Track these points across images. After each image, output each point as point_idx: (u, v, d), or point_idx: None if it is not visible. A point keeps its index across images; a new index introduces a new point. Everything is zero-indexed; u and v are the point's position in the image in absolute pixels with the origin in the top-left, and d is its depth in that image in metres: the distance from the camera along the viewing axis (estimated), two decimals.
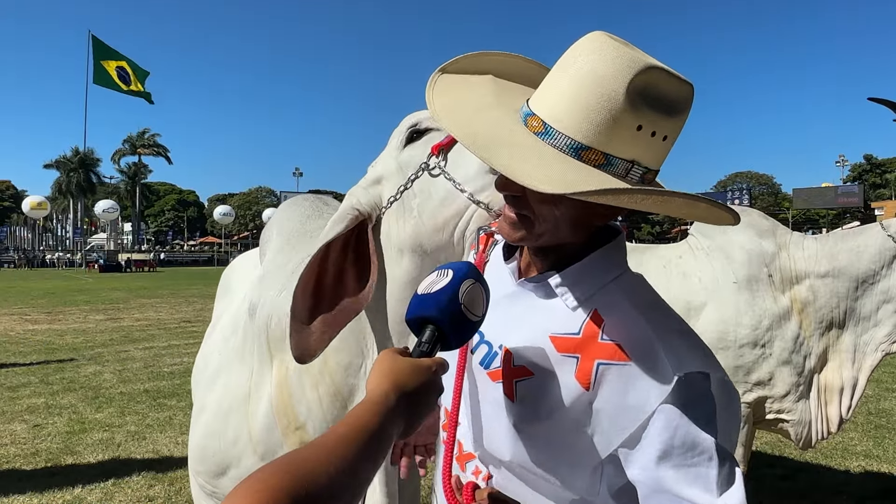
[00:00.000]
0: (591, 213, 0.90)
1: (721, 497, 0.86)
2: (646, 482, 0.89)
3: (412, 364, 0.84)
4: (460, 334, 0.89)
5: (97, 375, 7.49)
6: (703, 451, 0.87)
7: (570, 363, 0.91)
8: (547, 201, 0.87)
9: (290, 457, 0.67)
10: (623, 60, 0.80)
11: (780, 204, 71.52)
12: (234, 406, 1.57)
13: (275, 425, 1.50)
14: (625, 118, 0.81)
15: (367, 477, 0.72)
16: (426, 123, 1.38)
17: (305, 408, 1.45)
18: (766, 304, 2.79)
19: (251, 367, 1.58)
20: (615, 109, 0.81)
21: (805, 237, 2.98)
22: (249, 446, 1.53)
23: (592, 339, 0.91)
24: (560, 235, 0.92)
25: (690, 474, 0.87)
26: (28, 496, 3.97)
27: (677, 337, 0.91)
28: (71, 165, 59.77)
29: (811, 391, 2.81)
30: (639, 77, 0.80)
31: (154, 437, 5.16)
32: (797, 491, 4.06)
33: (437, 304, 0.87)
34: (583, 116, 0.81)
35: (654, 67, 0.81)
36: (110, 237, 58.97)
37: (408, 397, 0.81)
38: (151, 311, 14.71)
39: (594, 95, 0.81)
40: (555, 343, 0.93)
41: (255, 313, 1.60)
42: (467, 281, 0.89)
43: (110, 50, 42.14)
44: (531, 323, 0.96)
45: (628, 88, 0.80)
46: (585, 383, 0.90)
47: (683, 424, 0.87)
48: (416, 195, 1.33)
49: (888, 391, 6.65)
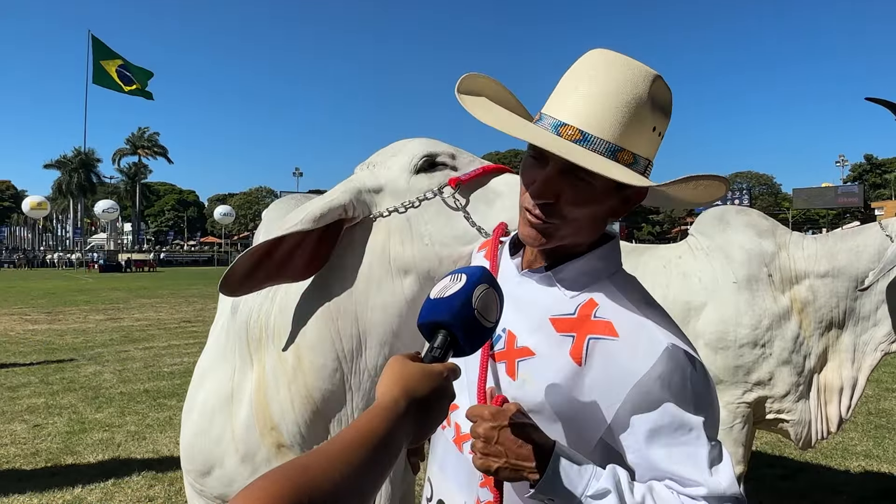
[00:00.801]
0: (610, 212, 1.00)
1: (712, 475, 0.90)
2: (639, 463, 0.94)
3: (423, 369, 0.82)
4: (473, 340, 0.87)
5: (97, 375, 7.49)
6: (692, 430, 0.91)
7: (567, 342, 0.98)
8: (587, 203, 0.96)
9: (294, 463, 0.65)
10: (640, 71, 0.94)
11: (780, 204, 71.55)
12: (218, 406, 1.58)
13: (254, 425, 1.50)
14: (647, 121, 0.95)
15: (374, 484, 0.70)
16: (443, 159, 1.40)
17: (279, 408, 1.45)
18: (765, 303, 2.80)
19: (233, 365, 1.58)
20: (642, 114, 0.93)
21: (805, 237, 2.99)
22: (232, 446, 1.54)
23: (586, 319, 0.98)
24: (580, 236, 1.01)
25: (681, 453, 0.91)
26: (28, 496, 3.97)
27: (666, 322, 0.98)
28: (71, 165, 59.78)
29: (811, 391, 2.82)
30: (654, 84, 0.94)
31: (154, 437, 5.16)
32: (797, 491, 4.06)
33: (450, 309, 0.85)
34: (616, 121, 0.92)
35: (660, 76, 0.95)
36: (110, 237, 58.95)
37: (418, 403, 0.79)
38: (151, 311, 14.71)
39: (623, 103, 0.92)
40: (554, 324, 0.99)
41: (237, 311, 1.61)
42: (481, 286, 0.87)
43: (110, 51, 42.15)
44: (533, 307, 1.02)
45: (650, 95, 0.93)
46: (578, 359, 0.96)
47: (671, 404, 0.91)
48: (427, 222, 1.35)
49: (888, 391, 6.66)
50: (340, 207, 1.37)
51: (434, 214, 1.35)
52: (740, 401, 2.83)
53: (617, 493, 0.89)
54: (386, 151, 1.48)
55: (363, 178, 1.43)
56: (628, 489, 0.90)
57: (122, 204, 63.18)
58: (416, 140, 1.45)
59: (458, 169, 1.41)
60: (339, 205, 1.37)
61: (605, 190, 0.96)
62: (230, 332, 1.64)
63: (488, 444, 0.92)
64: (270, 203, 2.25)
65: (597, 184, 0.94)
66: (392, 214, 1.38)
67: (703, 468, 0.90)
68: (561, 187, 0.95)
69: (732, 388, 2.83)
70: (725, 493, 0.90)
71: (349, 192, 1.39)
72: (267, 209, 2.01)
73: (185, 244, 75.58)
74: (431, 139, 1.47)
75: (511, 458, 0.91)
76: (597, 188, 0.95)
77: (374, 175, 1.43)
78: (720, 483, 0.90)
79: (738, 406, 2.84)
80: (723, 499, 0.90)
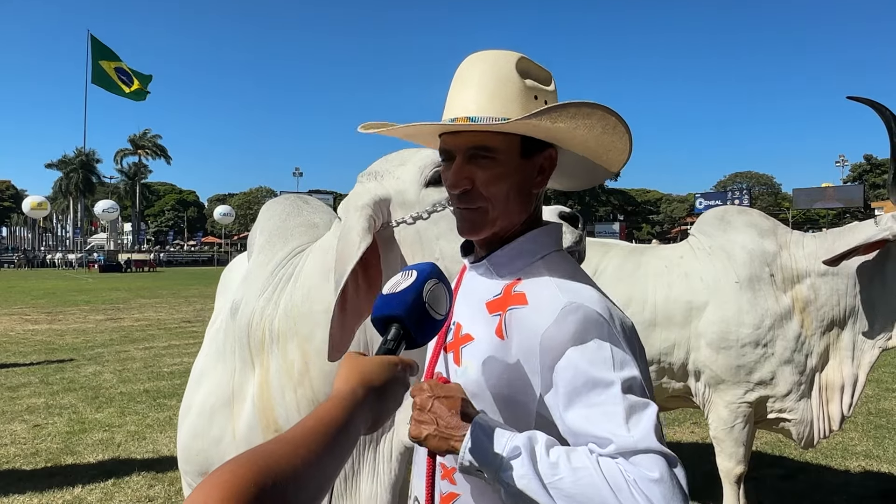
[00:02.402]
0: (529, 182, 1.06)
1: (629, 431, 0.87)
2: (565, 431, 0.93)
3: (378, 360, 0.87)
4: (424, 332, 0.93)
5: (97, 375, 7.49)
6: (609, 388, 0.90)
7: (495, 321, 1.03)
8: (500, 178, 1.03)
9: (258, 449, 0.69)
10: (503, 56, 1.05)
11: (780, 204, 71.52)
12: (217, 406, 1.58)
13: (257, 424, 1.50)
14: (524, 93, 1.04)
15: (333, 469, 0.74)
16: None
17: (283, 410, 1.46)
18: (767, 303, 2.79)
19: (233, 366, 1.58)
20: (515, 88, 1.03)
21: (805, 236, 2.99)
22: (233, 446, 1.54)
23: (508, 295, 1.04)
24: (511, 213, 1.06)
25: (598, 413, 0.89)
26: (28, 496, 3.97)
27: (579, 287, 1.01)
28: (72, 165, 59.76)
29: (812, 390, 2.82)
30: (519, 63, 1.04)
31: (154, 437, 5.16)
32: (797, 491, 4.06)
33: (403, 303, 0.91)
34: (493, 100, 1.02)
35: (524, 56, 1.06)
36: (110, 237, 58.93)
37: (375, 392, 0.84)
38: (151, 311, 14.71)
39: (494, 84, 1.03)
40: (488, 307, 1.05)
41: (238, 313, 1.60)
42: (431, 280, 0.94)
43: (110, 51, 42.16)
44: (474, 296, 1.09)
45: (518, 71, 1.04)
46: (500, 334, 1.01)
47: (582, 364, 0.91)
48: (438, 237, 1.35)
49: (888, 391, 6.66)
50: (364, 230, 1.32)
51: (446, 230, 1.34)
52: (742, 400, 2.83)
53: (529, 453, 0.88)
54: (391, 160, 1.46)
55: (372, 191, 1.41)
56: (543, 450, 0.88)
57: (122, 204, 63.14)
58: (426, 150, 1.44)
59: None
60: (363, 228, 1.32)
61: (510, 161, 1.04)
62: (229, 333, 1.63)
63: (422, 413, 0.95)
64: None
65: (501, 157, 1.03)
66: (401, 225, 1.37)
67: (618, 423, 0.87)
68: (471, 171, 1.03)
69: (734, 387, 2.83)
70: (637, 445, 0.85)
71: (363, 213, 1.35)
72: (262, 208, 2.01)
73: (185, 244, 75.57)
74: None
75: (441, 426, 0.93)
76: (502, 161, 1.03)
77: (382, 186, 1.42)
78: (632, 436, 0.86)
79: (740, 406, 2.84)
80: (635, 451, 0.86)
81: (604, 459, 0.86)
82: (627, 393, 0.89)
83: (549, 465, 0.87)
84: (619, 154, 1.08)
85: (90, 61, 42.25)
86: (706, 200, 59.40)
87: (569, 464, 0.86)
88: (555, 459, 0.87)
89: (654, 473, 0.84)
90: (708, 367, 2.87)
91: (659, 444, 0.87)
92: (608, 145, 1.06)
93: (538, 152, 1.06)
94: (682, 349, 2.93)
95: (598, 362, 0.91)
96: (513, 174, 1.04)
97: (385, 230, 1.39)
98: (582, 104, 0.98)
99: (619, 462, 0.85)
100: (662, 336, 2.92)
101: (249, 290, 1.61)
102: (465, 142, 1.04)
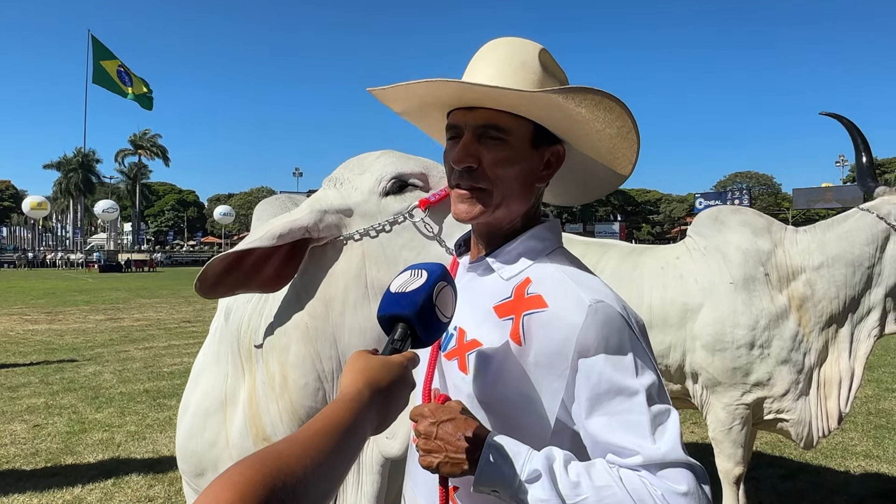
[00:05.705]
0: (533, 175, 1.02)
1: (655, 441, 0.85)
2: (586, 438, 0.92)
3: (384, 361, 0.87)
4: (430, 334, 0.92)
5: (97, 375, 7.49)
6: (633, 396, 0.88)
7: (508, 325, 0.98)
8: (507, 162, 0.99)
9: (268, 451, 0.69)
10: (528, 44, 1.04)
11: (780, 204, 71.45)
12: (211, 409, 1.59)
13: (248, 432, 1.51)
14: (541, 82, 1.01)
15: (341, 470, 0.75)
16: (413, 180, 1.39)
17: (269, 421, 1.47)
18: (762, 303, 2.78)
19: (226, 370, 1.59)
20: (534, 75, 1.01)
21: (798, 231, 2.97)
22: (226, 451, 1.54)
23: (521, 298, 0.99)
24: (513, 201, 1.02)
25: (621, 422, 0.88)
26: (28, 496, 3.97)
27: (595, 285, 0.98)
28: (71, 166, 59.71)
29: (811, 388, 2.80)
30: (541, 54, 1.03)
31: (154, 437, 5.16)
32: (797, 491, 4.06)
33: (413, 303, 0.90)
34: (513, 78, 0.99)
35: (545, 49, 1.05)
36: (110, 237, 58.88)
37: (381, 393, 0.84)
38: (151, 311, 14.71)
39: (518, 65, 1.01)
40: (497, 311, 1.01)
41: (230, 318, 1.61)
42: (441, 283, 0.93)
43: (110, 52, 42.15)
44: (478, 299, 1.04)
45: (540, 61, 1.02)
46: (518, 339, 0.96)
47: (607, 370, 0.89)
48: (402, 247, 1.34)
49: (888, 391, 6.65)
50: (303, 229, 1.35)
51: (409, 240, 1.34)
52: (739, 402, 2.82)
53: (548, 474, 0.86)
54: (352, 167, 1.46)
55: (330, 199, 1.41)
56: (562, 469, 0.86)
57: (122, 204, 63.09)
58: (384, 157, 1.43)
59: (430, 188, 1.39)
60: (301, 226, 1.35)
61: (520, 147, 1.00)
62: (223, 337, 1.64)
63: (429, 440, 0.92)
64: None
65: (511, 140, 1.00)
66: (364, 238, 1.36)
67: (643, 435, 0.86)
68: (479, 150, 1.00)
69: (731, 389, 2.82)
70: (665, 458, 0.84)
71: (314, 213, 1.38)
72: (255, 208, 2.02)
73: (185, 244, 75.54)
74: (399, 154, 1.44)
75: (450, 451, 0.90)
76: (512, 144, 1.00)
77: (341, 195, 1.41)
78: (659, 448, 0.85)
79: (737, 407, 2.83)
80: (663, 465, 0.84)
81: (626, 473, 0.85)
82: (650, 400, 0.88)
83: (570, 485, 0.85)
84: (624, 163, 1.05)
85: (91, 61, 42.27)
86: (706, 200, 59.29)
87: (591, 482, 0.85)
88: (576, 478, 0.85)
89: (681, 487, 0.84)
90: (704, 370, 2.86)
91: (686, 455, 0.86)
92: (616, 151, 1.04)
93: (548, 145, 1.03)
94: (678, 351, 2.92)
95: (622, 368, 0.89)
96: (521, 161, 1.00)
97: (334, 244, 1.38)
98: (607, 94, 0.95)
99: (643, 475, 0.85)
100: (658, 338, 2.92)
101: (240, 295, 1.61)
102: (477, 118, 1.00)
